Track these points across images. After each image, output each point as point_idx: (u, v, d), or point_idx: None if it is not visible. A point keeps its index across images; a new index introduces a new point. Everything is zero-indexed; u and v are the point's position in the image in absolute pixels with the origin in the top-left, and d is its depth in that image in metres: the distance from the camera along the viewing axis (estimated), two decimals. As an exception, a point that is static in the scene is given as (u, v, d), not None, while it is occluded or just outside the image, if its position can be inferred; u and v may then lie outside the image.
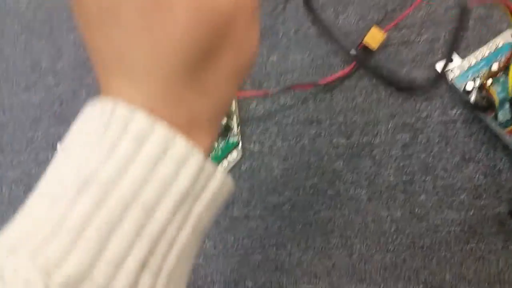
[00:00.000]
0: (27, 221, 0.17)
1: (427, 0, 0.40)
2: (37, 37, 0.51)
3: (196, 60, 0.18)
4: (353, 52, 0.41)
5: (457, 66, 0.38)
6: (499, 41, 0.37)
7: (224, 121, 0.41)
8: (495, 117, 0.35)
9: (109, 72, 0.19)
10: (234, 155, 0.41)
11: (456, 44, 0.25)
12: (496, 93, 0.35)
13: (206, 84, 0.19)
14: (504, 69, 0.36)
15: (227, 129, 0.41)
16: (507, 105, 0.35)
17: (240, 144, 0.41)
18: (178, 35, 0.17)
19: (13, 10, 0.53)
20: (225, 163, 0.41)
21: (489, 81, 0.36)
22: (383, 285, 0.36)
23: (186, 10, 0.17)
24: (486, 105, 0.36)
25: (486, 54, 0.38)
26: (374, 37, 0.40)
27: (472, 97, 0.36)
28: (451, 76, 0.38)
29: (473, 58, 0.38)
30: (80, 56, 0.49)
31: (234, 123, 0.41)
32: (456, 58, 0.38)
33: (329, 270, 0.38)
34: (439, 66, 0.39)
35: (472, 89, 0.37)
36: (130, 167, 0.17)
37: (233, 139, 0.41)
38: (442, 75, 0.25)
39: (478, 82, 0.37)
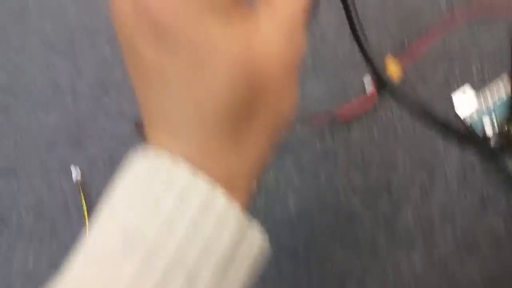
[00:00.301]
0: (74, 283, 0.18)
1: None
2: (59, 56, 0.52)
3: (236, 118, 0.19)
4: (367, 82, 0.41)
5: (475, 107, 0.38)
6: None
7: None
8: (515, 159, 0.35)
9: (153, 125, 0.20)
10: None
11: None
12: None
13: (245, 141, 0.19)
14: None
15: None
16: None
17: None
18: (219, 96, 0.18)
19: (36, 27, 0.53)
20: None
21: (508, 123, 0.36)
22: None
23: (228, 73, 0.18)
24: (505, 147, 0.35)
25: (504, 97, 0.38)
26: (390, 70, 0.39)
27: (492, 139, 0.36)
28: (470, 116, 0.37)
29: (490, 100, 0.38)
30: (100, 77, 0.49)
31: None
32: (474, 99, 0.38)
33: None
34: (455, 99, 0.38)
35: (492, 131, 0.36)
36: (175, 227, 0.17)
37: (249, 172, 0.41)
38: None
39: (496, 124, 0.36)
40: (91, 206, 0.46)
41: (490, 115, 0.37)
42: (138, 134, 0.46)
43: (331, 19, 0.43)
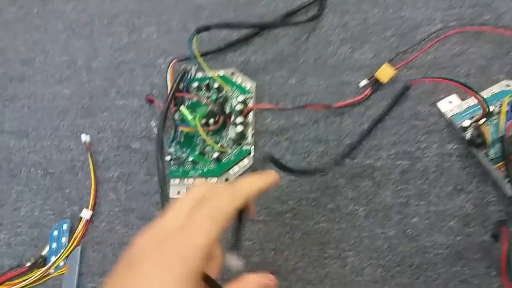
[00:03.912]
0: None
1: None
2: (77, 37, 0.57)
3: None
4: (364, 82, 0.46)
5: (456, 105, 0.42)
6: (495, 88, 0.42)
7: (241, 129, 0.45)
8: (487, 154, 0.39)
9: None
10: (245, 162, 0.45)
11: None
12: (490, 133, 0.39)
13: None
14: (499, 112, 0.40)
15: (242, 137, 0.45)
16: (498, 144, 0.39)
17: (252, 153, 0.45)
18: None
19: (59, 11, 0.59)
20: (236, 168, 0.45)
21: (484, 120, 0.40)
22: (372, 295, 0.39)
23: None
24: (479, 142, 0.40)
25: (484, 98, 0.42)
26: (385, 73, 0.45)
27: (468, 134, 0.41)
28: (450, 113, 0.42)
29: (471, 101, 0.42)
30: (115, 59, 0.54)
31: (249, 133, 0.46)
32: (456, 99, 0.43)
33: (322, 278, 0.41)
34: (440, 105, 0.43)
35: (469, 127, 0.41)
36: None
37: (246, 147, 0.45)
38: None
39: (474, 120, 0.41)
40: (97, 167, 0.49)
41: (470, 115, 0.42)
42: (149, 107, 0.50)
43: (334, 31, 0.49)
